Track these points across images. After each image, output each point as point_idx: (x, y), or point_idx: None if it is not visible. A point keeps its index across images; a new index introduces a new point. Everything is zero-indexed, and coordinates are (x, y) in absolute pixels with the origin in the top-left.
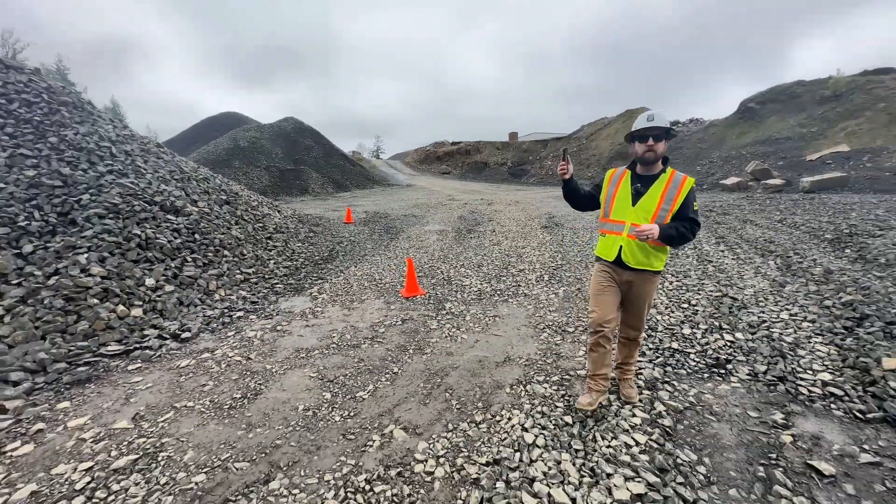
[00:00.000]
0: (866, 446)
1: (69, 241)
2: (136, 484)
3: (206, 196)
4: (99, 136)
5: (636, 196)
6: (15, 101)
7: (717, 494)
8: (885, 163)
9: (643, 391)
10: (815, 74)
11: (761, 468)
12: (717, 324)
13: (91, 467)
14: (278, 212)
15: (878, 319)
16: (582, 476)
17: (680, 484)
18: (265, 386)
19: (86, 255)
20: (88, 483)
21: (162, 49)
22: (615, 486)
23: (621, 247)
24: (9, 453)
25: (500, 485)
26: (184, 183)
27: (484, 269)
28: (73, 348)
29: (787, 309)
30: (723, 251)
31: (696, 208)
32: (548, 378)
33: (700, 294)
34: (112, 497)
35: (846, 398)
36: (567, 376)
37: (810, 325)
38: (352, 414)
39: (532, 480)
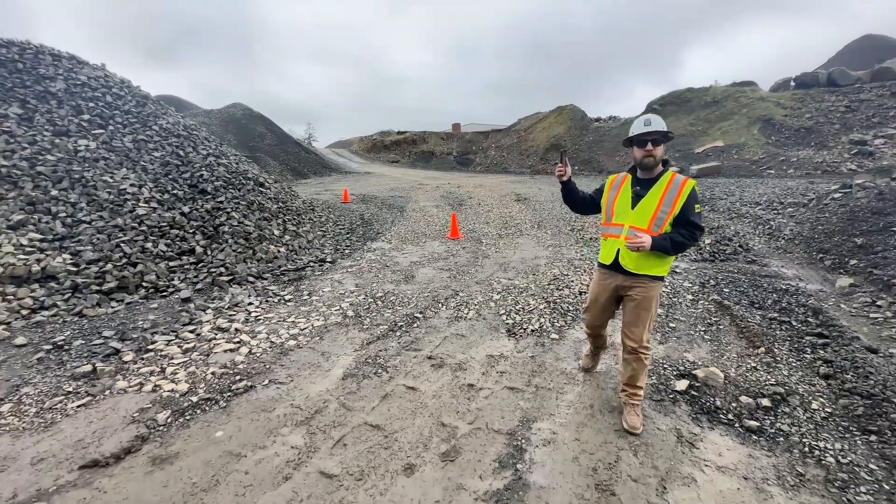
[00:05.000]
0: (694, 266)
1: (215, 204)
2: (396, 298)
3: (264, 176)
4: (183, 126)
5: (636, 199)
6: (106, 94)
7: None
8: (746, 155)
9: None
10: (701, 82)
11: None
12: None
13: (364, 296)
14: None
15: (706, 233)
16: None
17: None
18: (413, 274)
19: (234, 213)
20: (368, 300)
21: (37, 10)
22: None
23: (619, 250)
24: (311, 298)
25: (562, 283)
26: (247, 164)
27: (492, 224)
28: (264, 268)
29: None
30: None
31: (697, 211)
32: (561, 261)
33: None
34: (391, 300)
35: (696, 257)
36: (570, 259)
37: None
38: (474, 277)
39: (572, 283)
